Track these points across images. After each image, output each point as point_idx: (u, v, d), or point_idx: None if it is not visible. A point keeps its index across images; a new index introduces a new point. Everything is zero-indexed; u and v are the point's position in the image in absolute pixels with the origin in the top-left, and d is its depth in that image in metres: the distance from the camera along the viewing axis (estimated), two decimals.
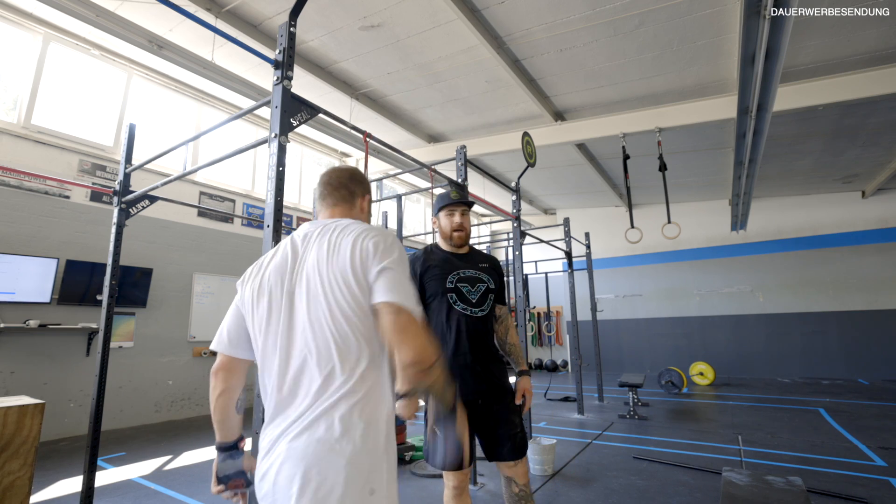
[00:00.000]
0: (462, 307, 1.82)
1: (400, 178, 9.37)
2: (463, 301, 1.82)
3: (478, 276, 1.88)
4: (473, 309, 1.82)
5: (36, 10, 4.73)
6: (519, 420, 1.80)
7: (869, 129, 6.10)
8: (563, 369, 11.02)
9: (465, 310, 1.81)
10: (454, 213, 1.89)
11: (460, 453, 1.68)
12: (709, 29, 4.32)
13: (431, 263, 1.89)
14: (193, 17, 2.50)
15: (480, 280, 1.87)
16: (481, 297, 1.83)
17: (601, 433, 4.74)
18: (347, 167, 1.30)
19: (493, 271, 1.92)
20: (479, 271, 1.89)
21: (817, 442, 4.24)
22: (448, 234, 1.89)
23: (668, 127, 5.72)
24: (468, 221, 1.92)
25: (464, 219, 1.89)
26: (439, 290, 1.84)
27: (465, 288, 1.84)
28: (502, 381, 1.83)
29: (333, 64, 5.26)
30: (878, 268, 8.57)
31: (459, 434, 1.69)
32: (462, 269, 1.87)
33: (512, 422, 1.76)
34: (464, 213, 1.90)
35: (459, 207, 1.88)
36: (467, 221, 1.91)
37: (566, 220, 6.19)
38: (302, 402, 0.94)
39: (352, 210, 1.24)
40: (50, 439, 4.47)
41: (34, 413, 1.84)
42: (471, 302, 1.82)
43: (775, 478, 2.26)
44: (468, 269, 1.88)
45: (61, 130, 5.09)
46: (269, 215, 1.85)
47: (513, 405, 1.80)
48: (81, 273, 4.86)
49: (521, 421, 1.81)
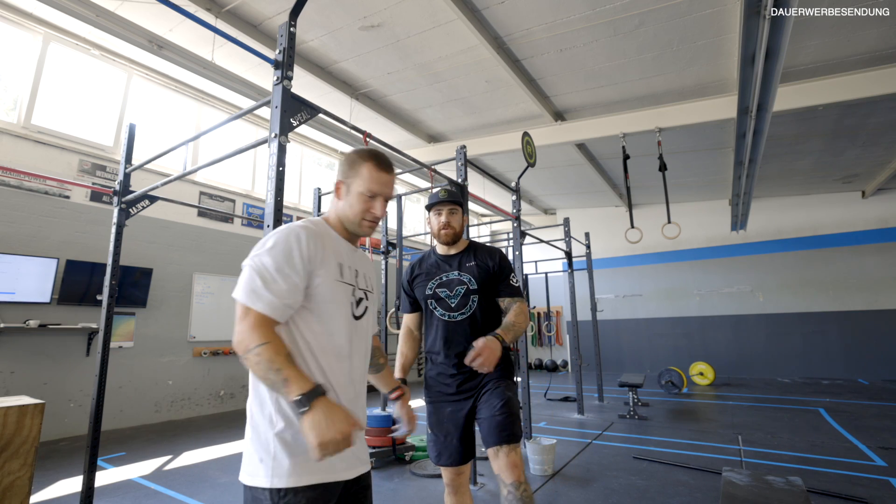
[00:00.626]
0: (441, 312, 1.84)
1: (400, 178, 9.37)
2: (442, 306, 1.84)
3: (458, 277, 1.85)
4: (452, 314, 1.82)
5: (36, 10, 4.73)
6: (503, 403, 1.71)
7: (869, 129, 6.10)
8: (563, 369, 11.02)
9: (444, 315, 1.83)
10: (441, 211, 1.89)
11: (447, 450, 1.77)
12: (709, 29, 4.32)
13: (420, 272, 1.94)
14: (193, 17, 2.50)
15: (460, 282, 1.84)
16: (461, 301, 1.81)
17: (601, 433, 4.74)
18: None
19: (477, 269, 1.85)
20: (463, 272, 1.86)
21: (817, 442, 4.24)
22: (436, 233, 1.91)
23: (668, 127, 5.72)
24: (457, 219, 1.90)
25: (451, 217, 1.89)
26: (422, 298, 1.90)
27: (443, 293, 1.85)
28: (492, 376, 1.79)
29: (333, 64, 5.26)
30: (878, 268, 8.57)
31: (442, 432, 1.79)
32: (444, 272, 1.88)
33: (492, 404, 1.72)
34: (452, 212, 1.89)
35: (446, 206, 1.89)
36: (456, 219, 1.90)
37: (566, 220, 6.19)
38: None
39: (333, 202, 1.23)
40: (50, 439, 4.47)
41: (34, 413, 1.83)
42: (449, 307, 1.83)
43: (775, 478, 2.26)
44: (451, 272, 1.87)
45: (61, 130, 5.09)
46: (269, 215, 1.85)
47: (503, 391, 1.75)
48: (81, 273, 4.86)
49: (507, 404, 1.71)
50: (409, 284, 1.97)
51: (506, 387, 1.78)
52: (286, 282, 1.00)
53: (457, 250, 1.93)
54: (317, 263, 1.06)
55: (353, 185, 1.16)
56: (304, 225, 1.09)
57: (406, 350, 1.98)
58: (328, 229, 1.16)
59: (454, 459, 1.77)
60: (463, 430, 1.78)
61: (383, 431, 3.83)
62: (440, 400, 1.83)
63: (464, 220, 1.96)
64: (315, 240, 1.07)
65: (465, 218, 1.98)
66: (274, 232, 1.06)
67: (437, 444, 1.81)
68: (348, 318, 1.12)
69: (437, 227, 1.90)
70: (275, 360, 0.90)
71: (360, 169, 1.16)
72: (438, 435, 1.80)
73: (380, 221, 1.23)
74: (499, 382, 1.78)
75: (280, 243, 1.03)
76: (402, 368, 1.94)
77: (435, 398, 1.85)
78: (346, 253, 1.17)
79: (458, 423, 1.77)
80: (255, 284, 0.98)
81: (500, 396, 1.74)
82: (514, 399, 1.77)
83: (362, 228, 1.19)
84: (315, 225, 1.12)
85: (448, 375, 1.81)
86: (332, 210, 1.22)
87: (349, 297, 1.13)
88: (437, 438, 1.81)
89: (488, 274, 1.85)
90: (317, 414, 0.86)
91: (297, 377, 0.90)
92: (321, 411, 0.87)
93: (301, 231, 1.06)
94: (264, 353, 0.91)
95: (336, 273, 1.10)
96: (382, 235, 5.22)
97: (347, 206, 1.17)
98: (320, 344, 1.06)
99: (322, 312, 1.07)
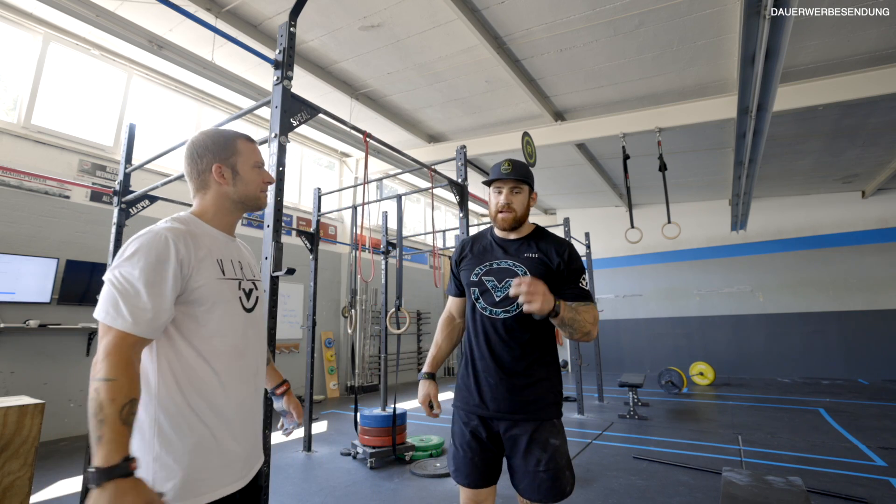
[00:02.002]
0: (483, 306, 1.54)
1: (400, 178, 9.37)
2: (485, 299, 1.54)
3: (512, 267, 1.52)
4: (495, 309, 1.51)
5: (36, 10, 4.73)
6: (548, 454, 1.40)
7: (869, 129, 6.10)
8: (564, 369, 11.03)
9: (486, 309, 1.53)
10: (502, 189, 1.57)
11: (465, 467, 1.50)
12: (709, 29, 4.32)
13: (471, 251, 1.64)
14: (193, 17, 2.50)
15: (513, 273, 1.51)
16: (509, 296, 1.47)
17: (601, 433, 4.74)
18: (198, 134, 1.14)
19: (538, 262, 1.51)
20: (519, 262, 1.52)
21: (817, 442, 4.24)
22: (493, 216, 1.59)
23: (668, 127, 5.72)
24: (521, 201, 1.57)
25: (514, 197, 1.55)
26: (466, 283, 1.61)
27: (490, 282, 1.54)
28: (529, 404, 1.45)
29: (333, 64, 5.26)
30: (878, 268, 8.57)
31: (462, 446, 1.53)
32: (498, 259, 1.56)
33: (533, 454, 1.40)
34: (515, 191, 1.56)
35: (509, 183, 1.56)
36: (519, 201, 1.56)
37: (566, 220, 6.19)
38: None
39: (201, 194, 1.12)
40: (50, 439, 4.46)
41: (34, 413, 1.83)
42: (493, 300, 1.51)
43: (775, 478, 2.26)
44: (506, 259, 1.54)
45: (61, 130, 5.08)
46: (269, 215, 1.85)
47: (545, 435, 1.42)
48: (81, 273, 4.86)
49: (553, 458, 1.40)
50: (456, 265, 1.68)
51: (552, 432, 1.43)
52: (152, 294, 0.89)
53: (518, 235, 1.60)
54: (192, 267, 0.97)
55: (239, 163, 1.12)
56: (171, 227, 0.99)
57: (441, 340, 1.70)
58: (201, 225, 1.08)
59: (472, 480, 1.49)
60: (484, 450, 1.50)
61: (383, 431, 3.83)
62: (463, 409, 1.56)
63: (530, 201, 1.61)
64: (186, 241, 0.98)
65: (532, 198, 1.62)
66: (136, 237, 0.95)
67: (455, 458, 1.54)
68: (240, 312, 1.06)
69: (495, 208, 1.57)
70: (105, 407, 0.79)
71: (236, 146, 1.13)
72: (458, 448, 1.53)
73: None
74: (540, 427, 1.43)
75: (143, 251, 0.92)
76: (432, 361, 1.66)
77: (462, 405, 1.57)
78: (224, 247, 1.10)
79: (480, 442, 1.50)
80: (114, 300, 0.87)
81: (544, 447, 1.40)
82: (561, 448, 1.43)
83: (262, 200, 1.18)
84: (184, 223, 1.03)
85: (476, 384, 1.52)
86: (205, 202, 1.12)
87: (236, 291, 1.07)
88: (456, 452, 1.54)
89: (550, 270, 1.50)
90: (102, 498, 0.75)
91: (111, 441, 0.78)
92: (108, 496, 0.75)
93: (168, 234, 0.96)
94: (102, 390, 0.80)
95: (216, 272, 1.03)
96: (382, 235, 5.22)
97: (243, 185, 1.12)
98: (212, 347, 0.99)
99: (210, 315, 0.99)
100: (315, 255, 4.45)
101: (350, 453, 4.03)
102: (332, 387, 7.61)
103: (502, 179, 1.54)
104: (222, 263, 1.06)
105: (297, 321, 7.32)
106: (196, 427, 0.95)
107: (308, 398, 4.23)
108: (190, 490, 0.92)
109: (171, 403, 0.94)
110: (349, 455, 4.02)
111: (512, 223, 1.55)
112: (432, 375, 1.62)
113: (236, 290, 1.07)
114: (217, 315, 1.01)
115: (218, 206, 1.12)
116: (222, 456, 0.98)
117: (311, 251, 4.44)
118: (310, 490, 3.22)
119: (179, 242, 0.96)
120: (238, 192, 1.12)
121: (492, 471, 1.49)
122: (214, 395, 0.98)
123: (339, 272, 8.36)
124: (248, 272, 1.15)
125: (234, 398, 1.02)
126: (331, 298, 8.08)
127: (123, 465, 0.78)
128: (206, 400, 0.97)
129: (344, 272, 8.38)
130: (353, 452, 3.97)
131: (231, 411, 1.01)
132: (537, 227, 1.64)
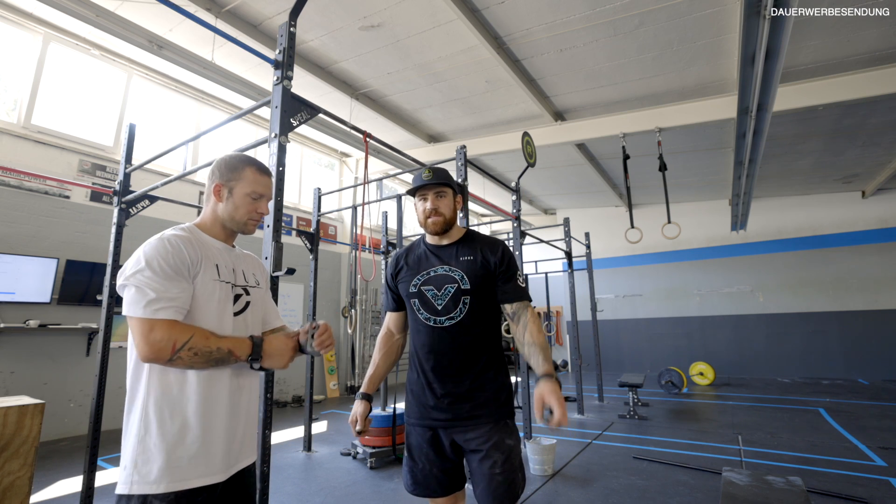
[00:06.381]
0: (425, 316, 1.51)
1: (400, 178, 9.37)
2: (426, 308, 1.51)
3: (449, 273, 1.50)
4: (438, 318, 1.48)
5: (36, 10, 4.73)
6: (504, 455, 1.40)
7: (869, 129, 6.10)
8: (564, 369, 11.01)
9: (429, 319, 1.50)
10: (426, 196, 1.55)
11: (425, 479, 1.49)
12: (709, 29, 4.32)
13: (406, 263, 1.61)
14: (193, 17, 2.50)
15: (450, 280, 1.49)
16: (450, 302, 1.47)
17: (601, 433, 4.74)
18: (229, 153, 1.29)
19: (474, 264, 1.51)
20: (454, 267, 1.51)
21: (817, 442, 4.24)
22: (423, 222, 1.57)
23: (668, 127, 5.72)
24: (447, 204, 1.55)
25: (439, 201, 1.53)
26: (405, 296, 1.58)
27: (429, 292, 1.51)
28: (481, 406, 1.45)
29: (333, 64, 5.26)
30: (878, 268, 8.57)
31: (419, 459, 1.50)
32: (434, 266, 1.54)
33: (490, 457, 1.40)
34: (439, 195, 1.54)
35: (432, 189, 1.54)
36: (445, 204, 1.55)
37: (566, 220, 6.19)
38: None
39: (206, 206, 1.25)
40: (50, 439, 4.47)
41: (34, 413, 1.84)
42: (435, 309, 1.49)
43: (775, 478, 2.26)
44: (442, 265, 1.53)
45: (61, 130, 5.09)
46: (269, 216, 1.85)
47: (501, 436, 1.43)
48: (81, 273, 4.86)
49: (508, 460, 1.40)
50: (392, 279, 1.64)
51: (506, 432, 1.44)
52: (176, 286, 1.03)
53: (450, 240, 1.58)
54: (197, 266, 1.09)
55: (237, 188, 1.20)
56: (176, 234, 1.10)
57: (379, 359, 1.64)
58: (200, 234, 1.18)
59: (432, 490, 1.47)
60: (444, 460, 1.48)
61: (383, 431, 3.83)
62: (419, 423, 1.51)
63: (456, 203, 1.60)
64: (189, 245, 1.09)
65: (457, 200, 1.60)
66: (143, 246, 1.06)
67: (412, 472, 1.50)
68: (229, 314, 1.14)
69: (423, 215, 1.55)
70: (210, 341, 1.02)
71: (243, 173, 1.21)
72: (417, 461, 1.50)
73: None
74: (495, 428, 1.43)
75: (155, 254, 1.03)
76: (368, 382, 1.59)
77: (415, 418, 1.52)
78: (222, 254, 1.19)
79: (440, 452, 1.48)
80: (149, 297, 0.99)
81: (499, 448, 1.41)
82: (515, 449, 1.44)
83: (248, 227, 1.24)
84: (186, 232, 1.14)
85: (430, 395, 1.49)
86: (206, 214, 1.23)
87: (228, 293, 1.16)
88: (414, 465, 1.50)
89: (487, 271, 1.50)
90: (267, 358, 1.11)
91: (234, 345, 1.05)
92: (268, 353, 1.10)
93: (174, 238, 1.08)
94: (196, 343, 1.00)
95: (213, 273, 1.12)
96: (382, 235, 5.22)
97: (232, 208, 1.20)
98: None
99: (203, 312, 1.09)
100: (315, 255, 4.45)
101: (350, 453, 4.03)
102: (333, 387, 7.61)
103: (425, 186, 1.55)
104: (219, 268, 1.15)
105: (297, 321, 7.32)
106: (177, 416, 1.03)
107: (308, 398, 4.23)
108: (168, 475, 1.00)
109: (159, 390, 1.03)
110: (349, 455, 4.03)
111: (443, 226, 1.55)
112: (368, 396, 1.56)
113: (229, 293, 1.16)
114: (210, 312, 1.10)
115: (213, 220, 1.22)
116: (201, 447, 1.04)
117: (311, 251, 4.44)
118: (310, 490, 3.22)
119: (186, 245, 1.08)
120: (226, 212, 1.21)
121: (455, 479, 1.50)
122: (198, 387, 1.06)
123: (339, 272, 8.36)
124: (241, 278, 1.22)
125: (216, 392, 1.08)
126: (331, 298, 8.08)
127: (254, 340, 1.12)
128: (189, 390, 1.05)
129: (344, 272, 8.38)
130: (353, 452, 3.98)
131: (211, 404, 1.07)
132: (468, 231, 1.65)
